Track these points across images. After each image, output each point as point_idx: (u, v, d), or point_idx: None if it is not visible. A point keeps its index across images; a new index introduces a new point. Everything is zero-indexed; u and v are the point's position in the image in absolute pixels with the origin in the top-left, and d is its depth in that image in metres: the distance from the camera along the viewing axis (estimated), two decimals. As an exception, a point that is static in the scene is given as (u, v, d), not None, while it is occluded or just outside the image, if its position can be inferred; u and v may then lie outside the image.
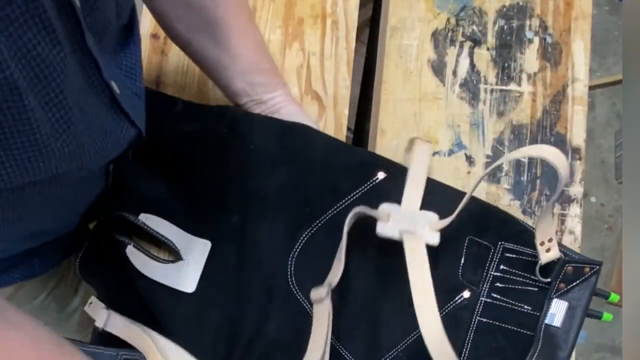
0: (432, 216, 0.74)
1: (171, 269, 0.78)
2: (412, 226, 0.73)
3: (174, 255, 0.79)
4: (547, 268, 0.76)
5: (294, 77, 0.90)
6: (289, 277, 0.77)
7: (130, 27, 0.68)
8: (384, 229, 0.73)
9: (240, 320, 0.76)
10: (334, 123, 0.88)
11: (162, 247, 0.81)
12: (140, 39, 0.69)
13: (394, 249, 0.72)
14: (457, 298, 0.76)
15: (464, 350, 0.76)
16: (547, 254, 0.74)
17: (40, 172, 0.54)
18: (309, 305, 0.76)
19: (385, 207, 0.74)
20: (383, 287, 0.77)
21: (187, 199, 0.79)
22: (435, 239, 0.73)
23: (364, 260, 0.77)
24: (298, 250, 0.77)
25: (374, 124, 0.89)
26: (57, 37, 0.49)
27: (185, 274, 0.78)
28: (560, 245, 0.77)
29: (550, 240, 0.74)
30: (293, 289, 0.76)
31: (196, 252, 0.78)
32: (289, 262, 0.77)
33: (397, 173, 0.77)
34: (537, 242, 0.74)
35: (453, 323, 0.74)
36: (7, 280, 0.77)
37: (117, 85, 0.62)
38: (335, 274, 0.73)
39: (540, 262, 0.75)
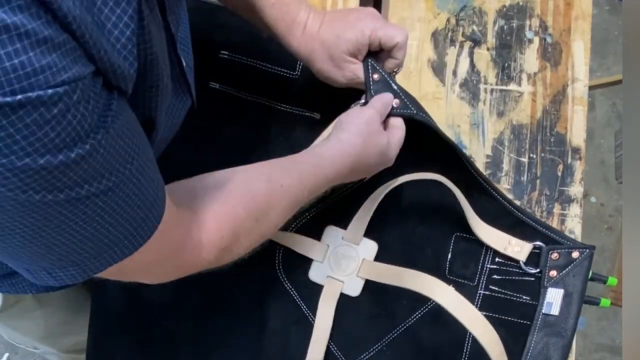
0: (370, 248, 0.77)
1: None
2: (340, 270, 0.77)
3: None
4: (537, 259, 0.77)
5: (294, 77, 0.89)
6: (276, 265, 0.78)
7: None
8: (314, 275, 0.77)
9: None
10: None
11: None
12: (186, 5, 0.68)
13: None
14: None
15: (466, 344, 0.76)
16: (521, 252, 0.77)
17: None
18: (296, 294, 0.78)
19: (326, 236, 0.77)
20: None
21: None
22: (355, 292, 0.76)
23: None
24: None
25: (374, 124, 0.89)
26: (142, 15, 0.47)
27: None
28: (549, 229, 0.78)
29: (510, 242, 0.77)
30: (280, 277, 0.78)
31: None
32: (277, 251, 0.78)
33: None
34: (503, 251, 0.77)
35: (443, 320, 0.75)
36: None
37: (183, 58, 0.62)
38: None
39: (521, 260, 0.77)
